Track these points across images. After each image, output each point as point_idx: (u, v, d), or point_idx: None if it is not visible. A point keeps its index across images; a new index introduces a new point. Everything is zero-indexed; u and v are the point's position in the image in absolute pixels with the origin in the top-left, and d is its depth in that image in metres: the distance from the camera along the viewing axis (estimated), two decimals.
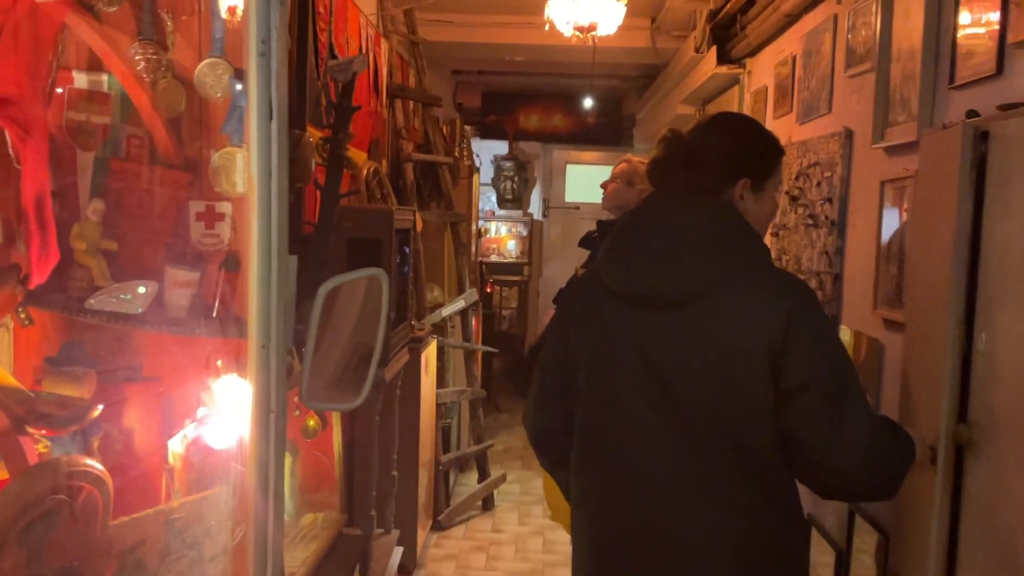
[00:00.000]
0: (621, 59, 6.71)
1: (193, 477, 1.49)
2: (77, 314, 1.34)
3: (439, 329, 5.40)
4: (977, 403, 2.13)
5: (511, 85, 8.87)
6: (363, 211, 3.71)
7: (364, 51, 4.50)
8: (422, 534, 4.88)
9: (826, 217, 3.51)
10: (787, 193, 4.07)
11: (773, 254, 4.30)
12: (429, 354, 4.90)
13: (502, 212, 9.08)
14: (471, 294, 5.60)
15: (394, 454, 4.17)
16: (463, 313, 5.68)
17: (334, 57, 3.81)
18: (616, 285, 1.86)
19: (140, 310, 1.37)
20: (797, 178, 3.93)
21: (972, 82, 2.40)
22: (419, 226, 4.53)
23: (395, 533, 4.14)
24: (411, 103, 5.60)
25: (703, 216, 1.84)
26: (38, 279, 1.25)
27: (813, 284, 3.61)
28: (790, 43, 4.26)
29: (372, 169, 4.35)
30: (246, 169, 1.37)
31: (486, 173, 8.77)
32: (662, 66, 6.86)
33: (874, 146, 3.02)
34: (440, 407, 5.29)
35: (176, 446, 1.48)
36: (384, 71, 4.99)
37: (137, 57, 1.40)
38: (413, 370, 4.45)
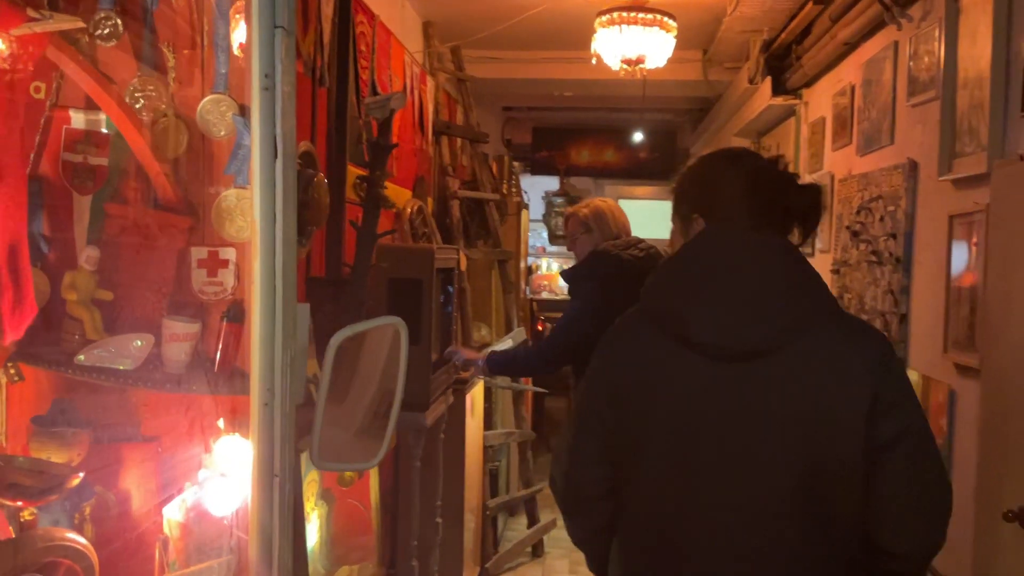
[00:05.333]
0: (673, 92, 6.58)
1: (193, 546, 1.38)
2: (67, 370, 1.25)
3: None
4: None
5: (562, 120, 8.78)
6: (404, 250, 3.62)
7: (408, 89, 4.44)
8: None
9: (890, 254, 3.31)
10: (848, 228, 3.88)
11: (835, 292, 4.10)
12: (475, 395, 4.76)
13: (553, 248, 8.97)
14: (519, 332, 5.46)
15: (438, 500, 4.04)
16: None
17: (376, 95, 3.75)
18: (692, 333, 1.60)
19: (133, 366, 1.27)
20: (858, 212, 3.74)
21: None
22: (463, 264, 4.42)
23: None
24: (458, 140, 5.53)
25: (778, 256, 1.64)
26: (13, 335, 1.16)
27: (878, 325, 3.41)
28: (848, 72, 4.09)
29: (416, 207, 4.26)
30: (250, 212, 1.27)
31: (537, 209, 8.68)
32: (715, 99, 6.71)
33: (941, 178, 2.83)
34: (487, 450, 5.14)
35: (173, 513, 1.37)
36: (430, 108, 4.93)
37: (136, 94, 1.32)
38: (458, 413, 4.32)
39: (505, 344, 5.36)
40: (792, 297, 1.59)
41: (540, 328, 8.01)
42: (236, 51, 1.45)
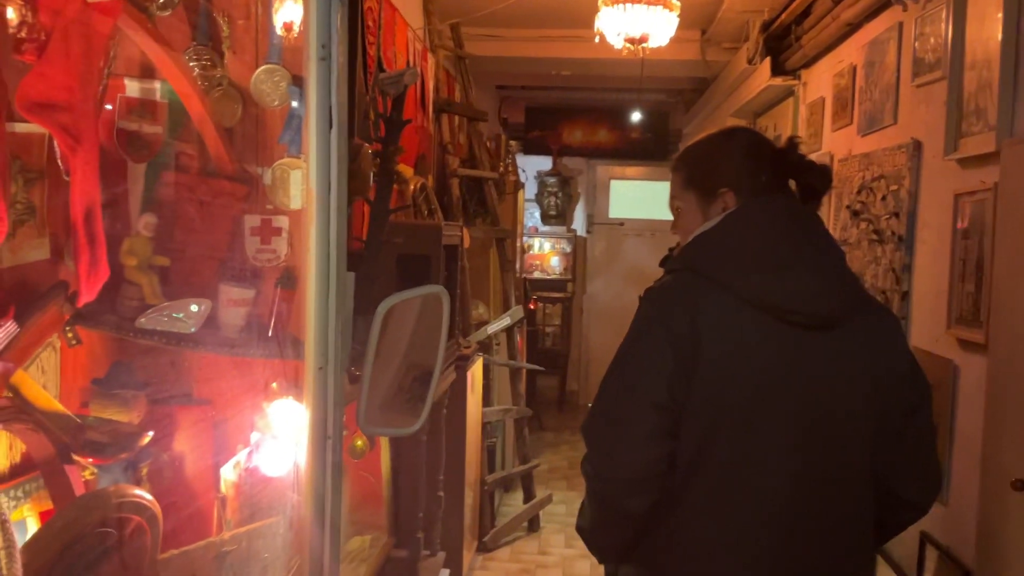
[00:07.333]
0: (670, 72, 6.59)
1: (246, 506, 1.41)
2: (128, 334, 1.27)
3: (484, 347, 5.31)
4: None
5: (555, 100, 8.79)
6: (412, 226, 3.64)
7: (412, 65, 4.45)
8: (468, 556, 4.78)
9: (892, 232, 3.37)
10: (848, 207, 3.93)
11: None
12: (475, 372, 4.81)
13: (546, 228, 8.99)
14: (517, 311, 5.50)
15: (440, 475, 4.09)
16: (508, 330, 5.59)
17: (383, 71, 3.76)
18: (782, 300, 1.60)
19: (193, 329, 1.30)
20: (859, 191, 3.79)
21: None
22: (467, 242, 4.45)
23: (441, 555, 4.04)
24: (456, 118, 5.54)
25: (825, 229, 1.75)
26: (87, 297, 1.18)
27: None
28: (849, 53, 4.12)
29: (420, 184, 4.28)
30: (304, 181, 1.30)
31: (530, 189, 8.70)
32: (710, 79, 6.73)
33: (947, 158, 2.88)
34: (486, 426, 5.20)
35: (229, 474, 1.40)
36: (431, 86, 4.94)
37: (191, 63, 1.33)
38: (460, 389, 4.37)
39: (503, 323, 5.41)
40: (846, 267, 1.69)
41: (532, 308, 8.04)
42: (280, 31, 1.46)
